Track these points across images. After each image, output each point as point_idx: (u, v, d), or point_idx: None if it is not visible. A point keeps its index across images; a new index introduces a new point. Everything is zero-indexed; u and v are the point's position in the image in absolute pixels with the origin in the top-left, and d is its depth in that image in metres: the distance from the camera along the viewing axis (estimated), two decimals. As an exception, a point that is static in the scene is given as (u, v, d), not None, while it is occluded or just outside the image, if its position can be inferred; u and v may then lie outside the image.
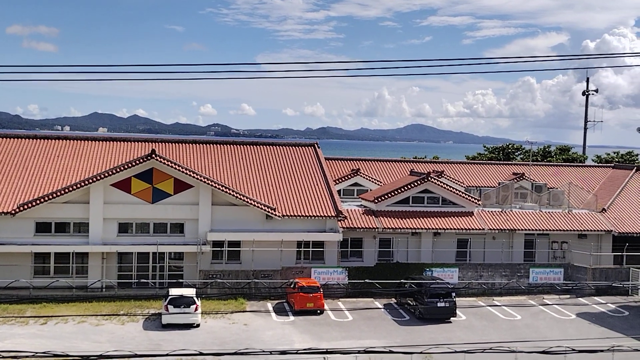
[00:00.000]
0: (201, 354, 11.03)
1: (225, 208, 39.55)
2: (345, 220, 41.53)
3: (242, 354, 11.06)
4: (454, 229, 43.37)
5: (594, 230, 45.30)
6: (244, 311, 34.48)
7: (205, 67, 16.88)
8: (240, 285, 37.03)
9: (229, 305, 35.62)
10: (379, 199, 43.74)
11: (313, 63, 17.64)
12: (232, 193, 39.18)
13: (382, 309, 36.30)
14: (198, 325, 31.70)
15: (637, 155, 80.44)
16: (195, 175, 38.82)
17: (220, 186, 39.15)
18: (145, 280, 37.26)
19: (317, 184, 43.34)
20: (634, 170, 54.31)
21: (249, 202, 39.27)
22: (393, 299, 38.06)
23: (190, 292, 32.58)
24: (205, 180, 38.89)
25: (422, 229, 42.95)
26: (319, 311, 34.89)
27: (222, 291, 37.52)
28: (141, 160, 38.19)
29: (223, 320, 33.00)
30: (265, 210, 39.29)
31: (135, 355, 11.32)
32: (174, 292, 32.51)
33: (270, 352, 10.60)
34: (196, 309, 31.54)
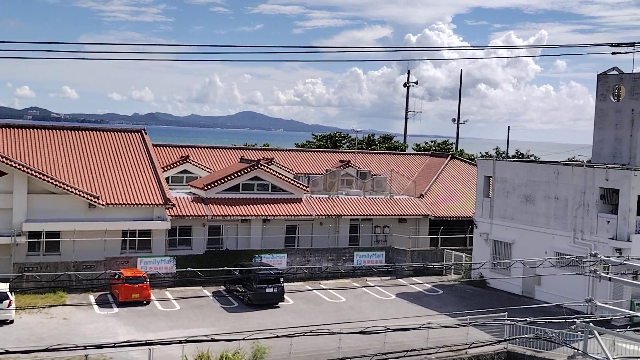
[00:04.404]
0: (7, 352, 10.22)
1: (44, 197, 37.24)
2: (174, 208, 40.71)
3: (55, 349, 10.41)
4: (283, 215, 44.01)
5: (413, 215, 48.01)
6: (63, 305, 32.71)
7: (21, 45, 15.60)
8: (60, 278, 35.04)
9: (47, 299, 33.64)
10: (209, 186, 43.33)
11: (141, 45, 17.00)
12: (50, 181, 36.96)
13: (211, 297, 36.07)
14: (12, 322, 29.62)
15: (452, 144, 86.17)
16: (8, 161, 36.13)
17: (37, 173, 36.77)
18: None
19: (144, 171, 42.04)
20: (448, 158, 58.19)
21: (69, 190, 37.26)
22: (222, 287, 37.94)
23: (2, 286, 30.34)
24: (20, 167, 36.34)
25: (251, 215, 43.16)
26: (145, 302, 33.96)
27: (40, 284, 35.33)
28: (-55, 145, 34.89)
29: (40, 315, 31.11)
30: (87, 198, 37.48)
31: None
32: (-16, 287, 30.10)
33: (85, 347, 10.07)
34: (9, 304, 29.44)
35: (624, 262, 15.66)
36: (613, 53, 15.01)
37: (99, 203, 37.76)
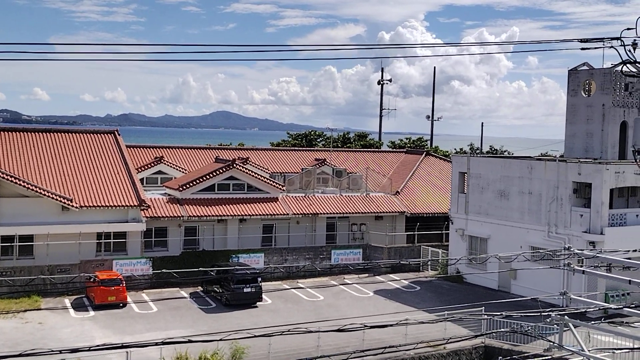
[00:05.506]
0: (-19, 359, 10.06)
1: (16, 200, 36.72)
2: (149, 209, 40.42)
3: (30, 354, 10.26)
4: (260, 214, 43.90)
5: (389, 212, 48.17)
6: (38, 309, 32.34)
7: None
8: (34, 282, 34.60)
9: (21, 303, 33.19)
10: (184, 187, 43.08)
11: (113, 45, 16.77)
12: (22, 184, 36.47)
13: (188, 298, 35.89)
14: (-14, 328, 29.20)
15: (427, 141, 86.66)
16: (-21, 165, 35.56)
17: (8, 176, 36.26)
18: None
19: (118, 173, 41.67)
20: (423, 155, 58.47)
21: (42, 192, 36.80)
22: (199, 288, 37.75)
23: (-25, 292, 29.89)
24: (-8, 170, 35.80)
25: (228, 215, 42.99)
26: (121, 304, 33.69)
27: (14, 289, 34.82)
28: None
29: (15, 320, 30.70)
30: (60, 201, 37.05)
31: None
32: (-44, 293, 29.63)
33: (60, 351, 9.96)
34: (-17, 311, 28.99)
35: (597, 254, 15.88)
36: (582, 49, 15.20)
37: (72, 205, 37.35)
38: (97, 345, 10.73)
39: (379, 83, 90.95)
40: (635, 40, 12.74)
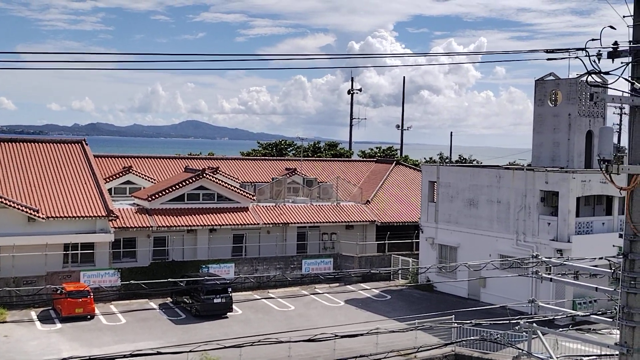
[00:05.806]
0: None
1: (-20, 211, 36.06)
2: (117, 219, 39.97)
3: (-7, 370, 10.06)
4: (230, 224, 43.68)
5: (360, 221, 48.29)
6: (3, 322, 31.72)
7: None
8: (-1, 295, 33.93)
9: (-14, 317, 32.54)
10: (153, 197, 42.69)
11: (81, 54, 16.57)
12: (-13, 194, 35.79)
13: (158, 310, 35.52)
14: (-52, 342, 28.54)
15: (396, 150, 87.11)
16: (-58, 175, 34.84)
17: (-27, 187, 35.57)
18: None
19: (86, 183, 41.15)
20: (393, 164, 58.79)
21: (8, 203, 36.17)
22: (169, 299, 37.39)
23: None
24: (-45, 180, 35.11)
25: (197, 226, 42.70)
26: (89, 316, 33.23)
27: (-22, 302, 34.13)
28: None
29: (-21, 334, 30.05)
30: (26, 212, 36.45)
31: None
32: None
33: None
34: (-54, 324, 28.36)
35: (564, 262, 16.06)
36: (548, 59, 15.40)
37: (39, 216, 36.78)
38: (64, 358, 10.56)
39: (349, 92, 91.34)
40: (599, 51, 12.96)
